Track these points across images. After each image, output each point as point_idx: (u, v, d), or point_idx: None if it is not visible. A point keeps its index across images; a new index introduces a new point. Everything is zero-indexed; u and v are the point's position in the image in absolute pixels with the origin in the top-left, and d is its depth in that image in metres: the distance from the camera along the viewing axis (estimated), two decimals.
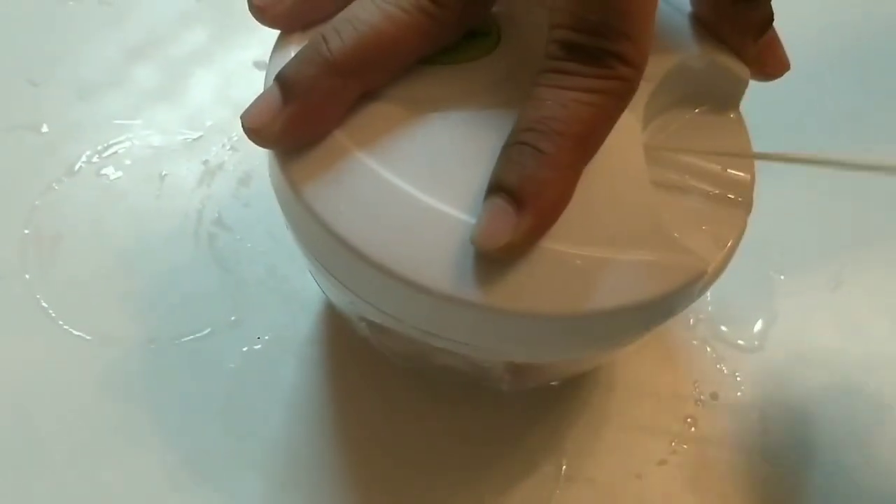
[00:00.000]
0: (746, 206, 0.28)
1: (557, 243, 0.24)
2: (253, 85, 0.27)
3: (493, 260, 0.24)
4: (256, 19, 0.27)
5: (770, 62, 0.29)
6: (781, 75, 0.30)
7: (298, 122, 0.25)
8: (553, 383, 0.34)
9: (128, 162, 0.39)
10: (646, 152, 0.27)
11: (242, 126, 0.25)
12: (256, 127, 0.25)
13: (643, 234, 0.25)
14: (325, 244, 0.25)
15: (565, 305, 0.24)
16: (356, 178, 0.25)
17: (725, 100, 0.30)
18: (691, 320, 0.38)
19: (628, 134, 0.26)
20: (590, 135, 0.25)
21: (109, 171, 0.39)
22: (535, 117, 0.24)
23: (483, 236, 0.23)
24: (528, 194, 0.23)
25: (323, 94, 0.25)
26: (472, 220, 0.24)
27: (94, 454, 0.32)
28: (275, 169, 0.26)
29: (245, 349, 0.35)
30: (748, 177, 0.28)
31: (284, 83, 0.25)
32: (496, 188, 0.24)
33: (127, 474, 0.32)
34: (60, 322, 0.35)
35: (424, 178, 0.25)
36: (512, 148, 0.24)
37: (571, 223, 0.25)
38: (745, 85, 0.29)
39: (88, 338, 0.35)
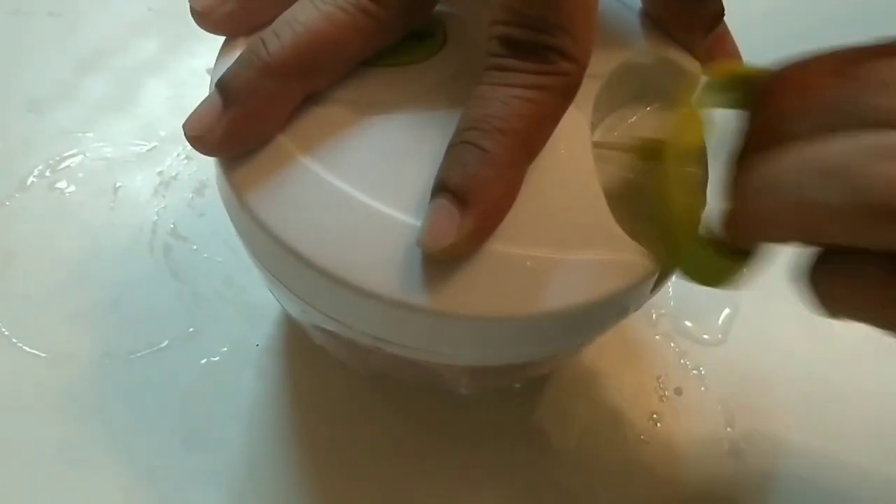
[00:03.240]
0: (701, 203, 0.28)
1: (505, 245, 0.24)
2: (206, 94, 0.26)
3: (440, 263, 0.24)
4: (198, 24, 0.27)
5: (721, 57, 0.29)
6: None
7: (239, 127, 0.25)
8: (516, 385, 0.34)
9: (81, 175, 0.39)
10: (596, 151, 0.26)
11: (184, 134, 0.25)
12: (198, 134, 0.25)
13: (592, 234, 0.25)
14: (271, 251, 0.25)
15: (515, 307, 0.24)
16: (300, 183, 0.25)
17: (677, 96, 0.29)
18: (654, 315, 0.37)
19: (576, 132, 0.26)
20: (532, 132, 0.24)
21: (62, 184, 0.39)
22: (477, 116, 0.24)
23: (427, 238, 0.23)
24: (471, 194, 0.23)
25: (263, 98, 0.25)
26: (419, 223, 0.24)
27: (48, 475, 0.32)
28: (220, 175, 0.26)
29: (203, 361, 0.34)
30: (701, 174, 0.28)
31: (223, 88, 0.25)
32: (440, 189, 0.24)
33: (83, 496, 0.31)
34: (14, 340, 0.34)
35: (370, 181, 0.25)
36: (455, 148, 0.24)
37: (519, 224, 0.24)
38: (697, 81, 0.29)
39: (43, 355, 0.34)
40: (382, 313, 0.24)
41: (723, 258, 0.25)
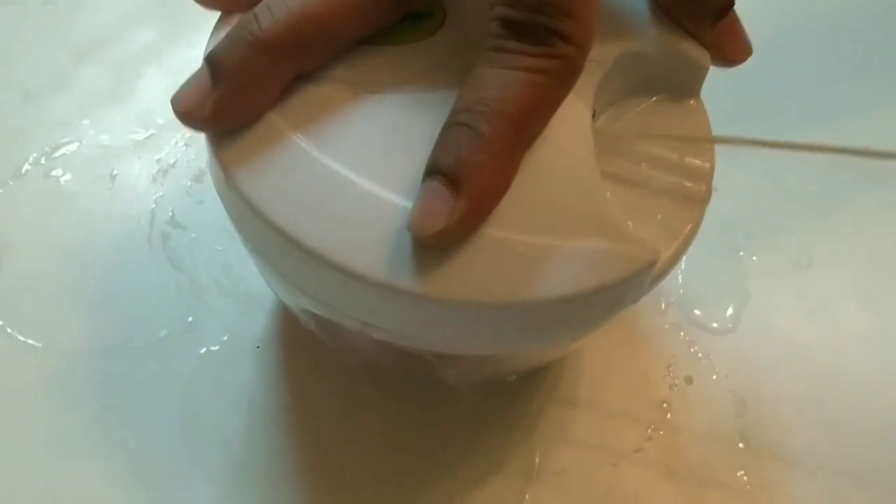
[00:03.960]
0: (704, 195, 0.27)
1: (498, 229, 0.23)
2: None
3: (430, 247, 0.23)
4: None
5: (730, 47, 0.28)
6: (743, 61, 0.28)
7: (228, 103, 0.24)
8: (510, 378, 0.33)
9: (77, 163, 0.38)
10: (600, 140, 0.26)
11: (173, 109, 0.24)
12: (186, 110, 0.24)
13: (590, 222, 0.24)
14: (259, 230, 0.24)
15: (506, 294, 0.23)
16: (290, 162, 0.24)
17: (685, 87, 0.29)
18: (662, 305, 0.37)
19: (576, 119, 0.25)
20: (530, 115, 0.24)
21: (58, 172, 0.38)
22: (473, 98, 0.23)
23: (417, 222, 0.22)
24: (464, 177, 0.23)
25: (253, 74, 0.24)
26: (411, 206, 0.23)
27: (42, 466, 0.31)
28: (209, 152, 0.25)
29: (203, 351, 0.34)
30: (707, 165, 0.27)
31: (213, 63, 0.24)
32: (432, 171, 0.23)
33: (77, 488, 0.31)
34: (9, 329, 0.34)
35: (362, 162, 0.24)
36: (449, 130, 0.23)
37: (514, 209, 0.24)
38: (705, 71, 0.28)
39: (38, 344, 0.33)
40: (370, 297, 0.23)
41: None
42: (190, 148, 0.39)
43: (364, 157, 0.24)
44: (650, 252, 0.24)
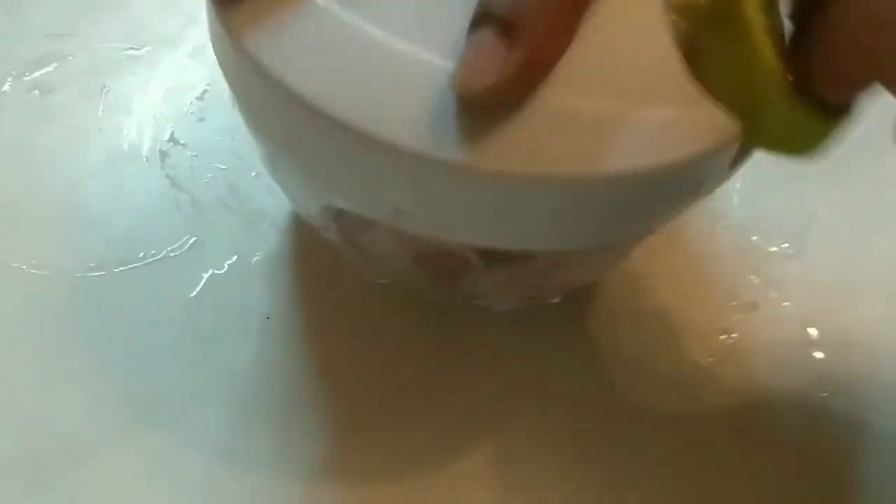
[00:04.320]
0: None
1: (558, 92, 0.20)
2: None
3: (478, 109, 0.19)
4: None
5: None
6: None
7: None
8: (555, 300, 0.30)
9: (65, 79, 0.35)
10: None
11: None
12: None
13: (664, 87, 0.21)
14: (273, 103, 0.21)
15: (568, 167, 0.20)
16: (308, 22, 0.21)
17: None
18: (720, 228, 0.34)
19: None
20: None
21: (43, 88, 0.35)
22: None
23: (464, 76, 0.19)
24: (520, 23, 0.19)
25: None
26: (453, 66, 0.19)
27: (30, 400, 0.28)
28: (211, 18, 0.22)
29: (207, 274, 0.31)
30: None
31: None
32: (481, 18, 0.19)
33: (69, 422, 0.28)
34: None
35: (393, 17, 0.21)
36: None
37: (576, 70, 0.20)
38: None
39: (22, 267, 0.30)
40: (405, 174, 0.20)
41: (814, 118, 0.20)
42: (190, 62, 0.36)
43: (396, 13, 0.21)
44: (733, 124, 0.21)
